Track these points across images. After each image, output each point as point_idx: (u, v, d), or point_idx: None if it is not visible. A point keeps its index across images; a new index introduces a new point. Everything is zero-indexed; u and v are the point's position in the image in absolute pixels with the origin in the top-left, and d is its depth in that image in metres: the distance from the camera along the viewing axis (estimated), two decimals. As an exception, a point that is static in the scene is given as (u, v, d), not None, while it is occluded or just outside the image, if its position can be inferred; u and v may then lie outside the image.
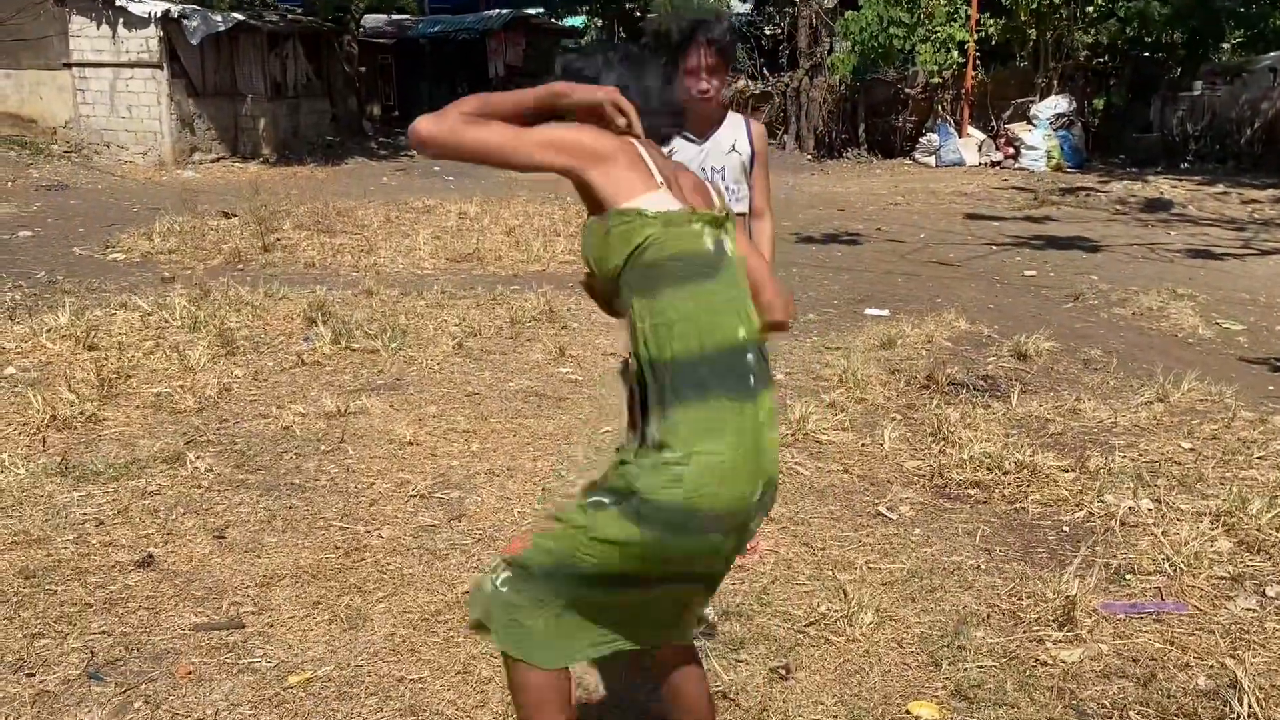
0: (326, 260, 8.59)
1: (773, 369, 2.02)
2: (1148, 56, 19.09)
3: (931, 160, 18.51)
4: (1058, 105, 18.22)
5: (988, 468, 4.28)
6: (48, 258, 8.36)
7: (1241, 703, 2.67)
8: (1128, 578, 3.44)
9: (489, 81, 23.06)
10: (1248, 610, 3.21)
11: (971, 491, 4.15)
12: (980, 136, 18.91)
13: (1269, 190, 14.22)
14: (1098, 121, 19.37)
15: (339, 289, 7.32)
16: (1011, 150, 18.15)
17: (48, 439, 4.42)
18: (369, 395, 5.13)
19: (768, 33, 22.43)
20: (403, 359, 5.77)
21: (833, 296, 7.79)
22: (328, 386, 5.28)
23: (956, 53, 18.42)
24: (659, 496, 1.79)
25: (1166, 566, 3.47)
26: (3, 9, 14.56)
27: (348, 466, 4.28)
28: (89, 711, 2.62)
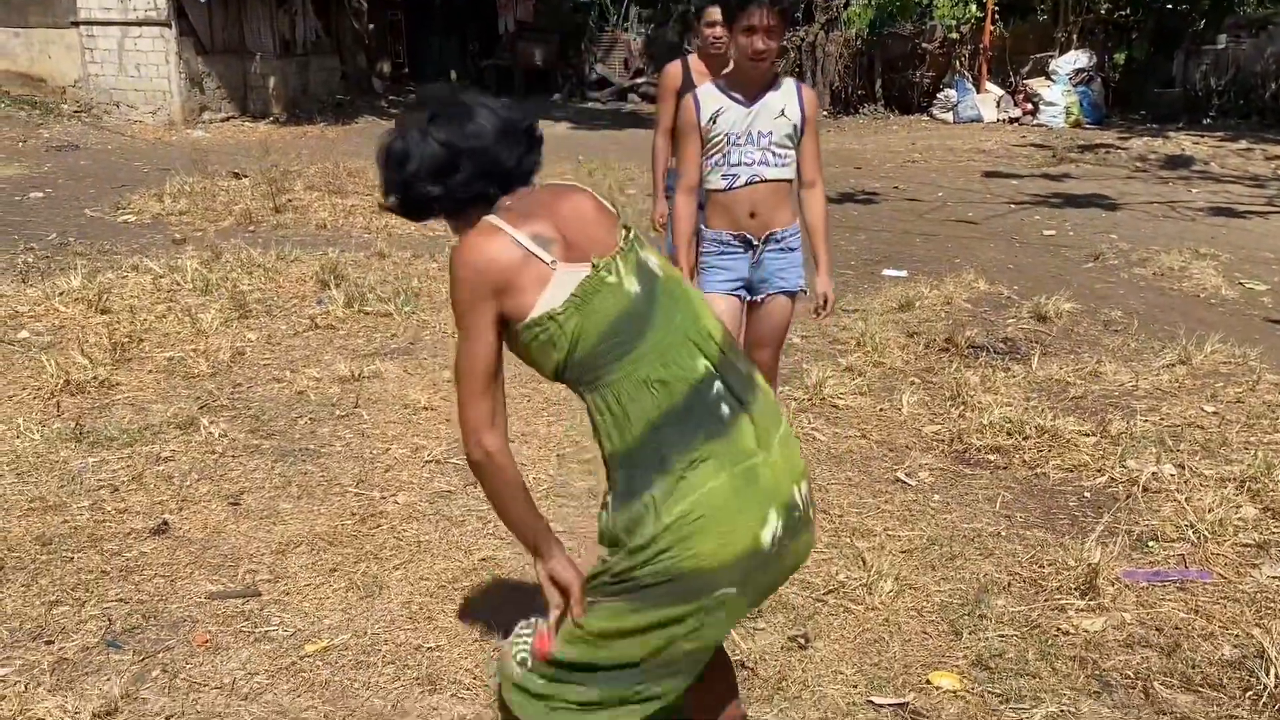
0: (338, 222, 8.52)
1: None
2: (1170, 9, 18.62)
3: (949, 116, 18.22)
4: (1077, 60, 17.86)
5: (1008, 432, 4.23)
6: (59, 219, 8.32)
7: (1268, 673, 2.64)
8: (1151, 545, 3.40)
9: (499, 37, 22.76)
10: (1274, 578, 3.17)
11: (991, 457, 4.11)
12: (998, 92, 18.59)
13: (1293, 146, 13.97)
14: (1118, 76, 18.98)
15: (351, 251, 7.27)
16: (1030, 106, 17.84)
17: (61, 404, 4.41)
18: (383, 359, 5.10)
19: (782, -15, 22.01)
20: (416, 322, 5.73)
21: (849, 257, 7.69)
22: (341, 350, 5.25)
23: (975, 6, 18.06)
24: (644, 574, 1.69)
25: (1190, 533, 3.43)
26: (9, -34, 14.44)
27: (362, 431, 4.26)
28: (107, 679, 2.62)
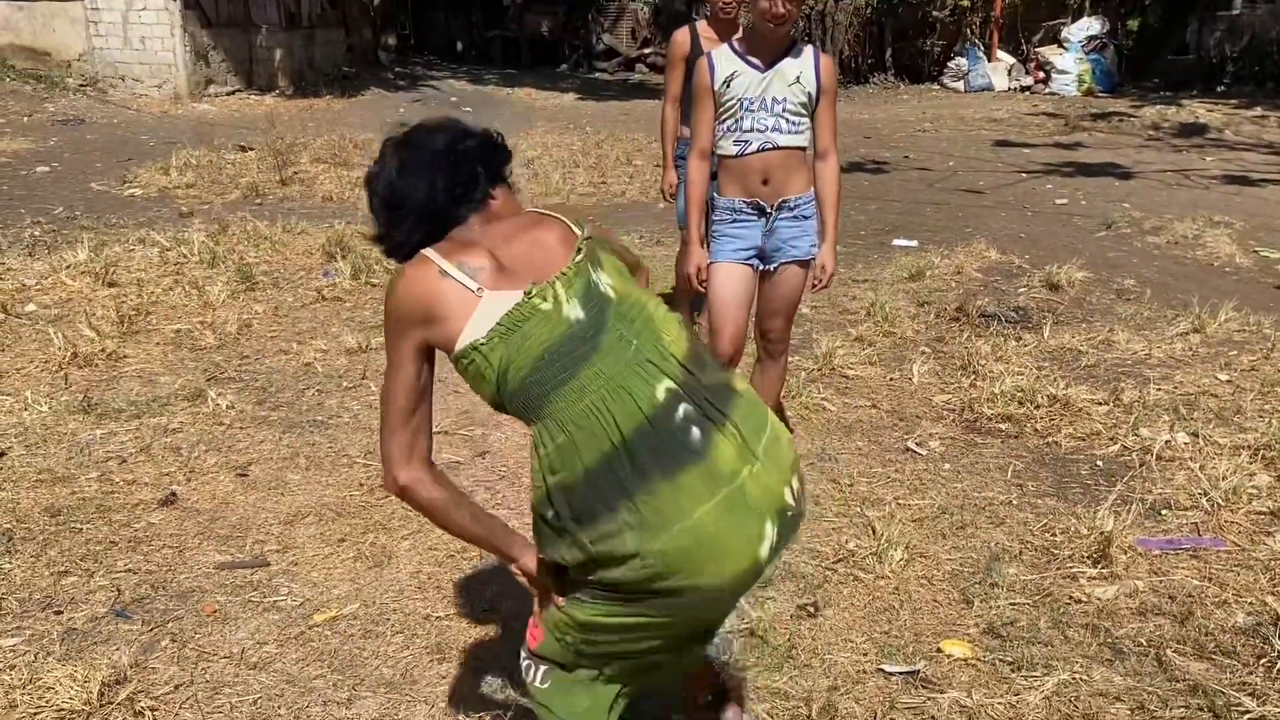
0: (345, 194, 8.48)
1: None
2: (1185, -26, 18.42)
3: (960, 85, 18.05)
4: (1090, 27, 17.65)
5: (1019, 401, 4.20)
6: (65, 193, 8.30)
7: (1282, 641, 2.62)
8: (1164, 513, 3.37)
9: (505, 8, 22.57)
10: (1288, 546, 3.14)
11: (1003, 426, 4.08)
12: (1010, 60, 18.40)
13: (1309, 113, 13.80)
14: (1131, 44, 18.75)
15: (358, 223, 7.23)
16: (1042, 74, 17.65)
17: (69, 376, 4.41)
18: (390, 331, 5.08)
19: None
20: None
21: (859, 227, 7.63)
22: (348, 322, 5.23)
23: (986, -27, 17.86)
24: (630, 579, 1.61)
25: (1204, 501, 3.40)
26: (12, -61, 14.35)
27: (370, 403, 4.24)
28: (116, 649, 2.62)
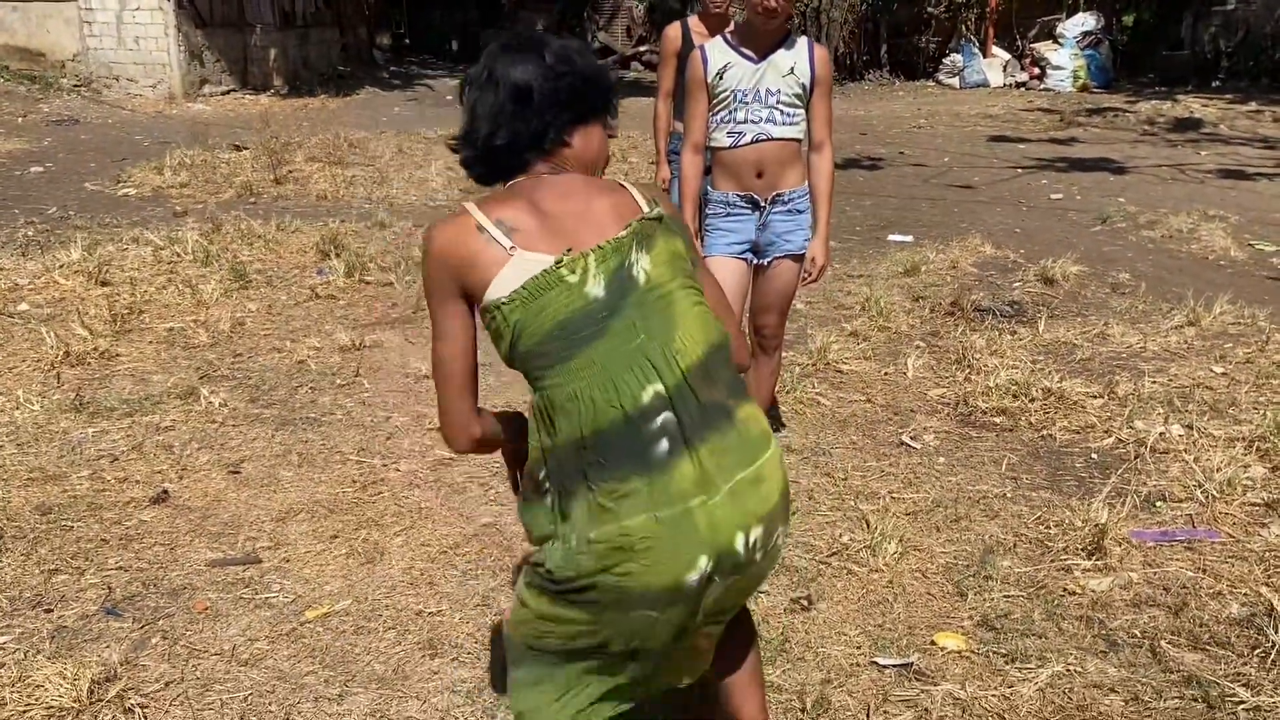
0: (339, 192, 8.47)
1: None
2: (1179, -30, 18.43)
3: (955, 82, 18.05)
4: (1085, 23, 17.66)
5: (1014, 395, 4.19)
6: (59, 193, 8.27)
7: (1276, 630, 2.62)
8: (1158, 505, 3.37)
9: (500, 7, 22.55)
10: (1282, 537, 3.14)
11: (997, 419, 4.07)
12: (1005, 57, 18.41)
13: (1304, 108, 13.81)
14: (1126, 39, 18.76)
15: (352, 221, 7.22)
16: (1037, 70, 17.66)
17: (62, 375, 4.39)
18: (384, 329, 5.07)
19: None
20: (417, 292, 5.70)
21: (854, 223, 7.62)
22: (342, 320, 5.22)
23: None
24: (567, 574, 1.62)
25: (1198, 493, 3.40)
26: (5, -61, 14.32)
27: (363, 400, 4.23)
28: (107, 646, 2.61)
